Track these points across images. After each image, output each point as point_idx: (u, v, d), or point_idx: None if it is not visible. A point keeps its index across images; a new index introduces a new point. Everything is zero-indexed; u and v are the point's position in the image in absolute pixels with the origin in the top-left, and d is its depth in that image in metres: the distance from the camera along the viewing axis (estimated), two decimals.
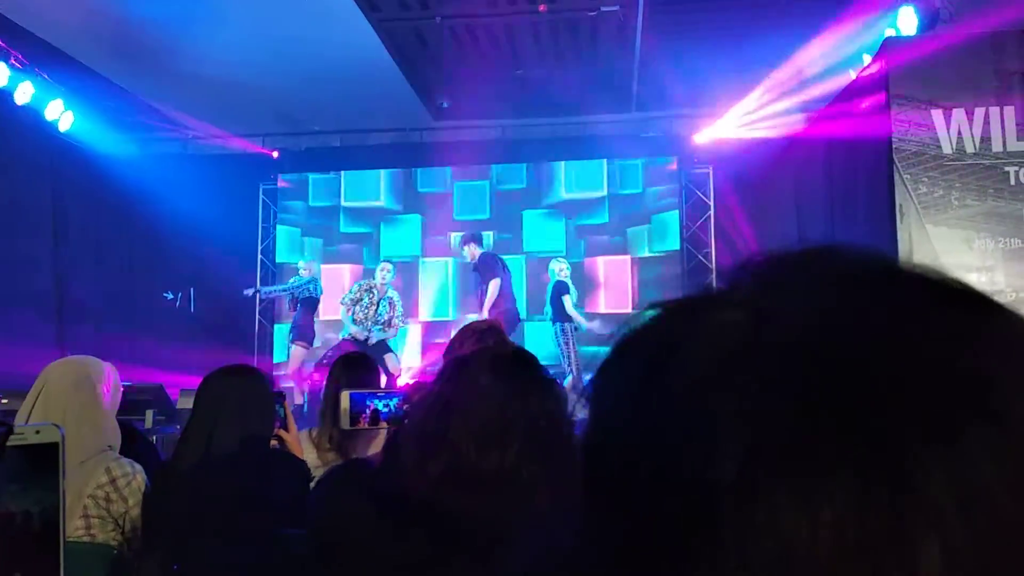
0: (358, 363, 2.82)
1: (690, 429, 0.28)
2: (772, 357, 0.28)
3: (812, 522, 0.25)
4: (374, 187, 8.48)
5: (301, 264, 8.05)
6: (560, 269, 7.55)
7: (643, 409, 0.30)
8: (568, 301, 7.38)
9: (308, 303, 7.95)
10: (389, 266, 7.89)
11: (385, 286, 7.74)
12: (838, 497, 0.25)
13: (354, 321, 7.60)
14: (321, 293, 8.04)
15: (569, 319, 7.33)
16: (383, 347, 7.54)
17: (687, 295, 0.33)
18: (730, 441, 0.27)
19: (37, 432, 0.65)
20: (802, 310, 0.29)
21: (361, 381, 2.54)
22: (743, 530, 0.26)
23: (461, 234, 7.93)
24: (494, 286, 7.33)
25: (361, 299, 7.66)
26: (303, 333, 7.89)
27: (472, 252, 7.69)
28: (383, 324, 7.61)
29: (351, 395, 1.95)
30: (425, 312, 8.13)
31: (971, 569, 0.24)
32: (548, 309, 7.45)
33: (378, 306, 7.63)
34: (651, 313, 0.33)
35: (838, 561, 0.25)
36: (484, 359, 1.13)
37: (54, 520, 0.63)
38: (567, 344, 7.27)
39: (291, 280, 8.12)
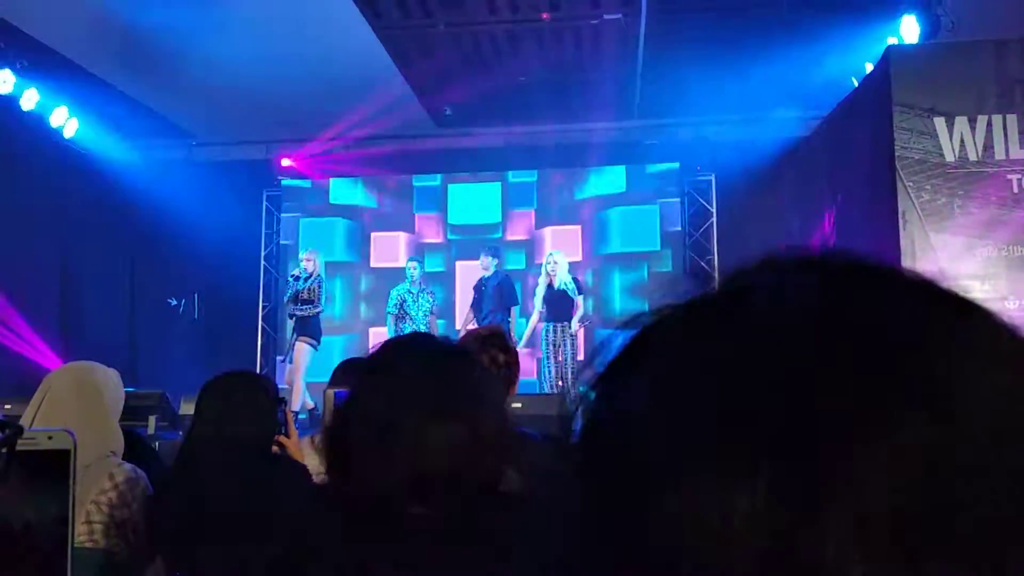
0: (358, 368, 2.82)
1: (635, 408, 0.30)
2: (697, 342, 0.30)
3: (728, 507, 0.25)
4: (370, 191, 8.51)
5: (303, 256, 7.68)
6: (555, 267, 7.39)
7: (614, 396, 0.32)
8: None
9: (313, 297, 7.73)
10: (416, 264, 7.78)
11: (418, 283, 7.61)
12: (757, 482, 0.25)
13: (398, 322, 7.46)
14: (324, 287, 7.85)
15: (568, 320, 7.18)
16: None
17: (674, 301, 0.34)
18: (660, 420, 0.28)
19: (50, 438, 0.64)
20: (760, 311, 0.30)
21: None
22: (662, 509, 0.27)
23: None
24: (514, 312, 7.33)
25: (404, 302, 7.59)
26: (312, 331, 7.42)
27: (487, 264, 7.49)
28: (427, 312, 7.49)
29: (336, 393, 1.95)
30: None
31: (876, 559, 0.25)
32: (542, 307, 7.23)
33: (419, 299, 7.57)
34: (640, 319, 0.34)
35: (747, 540, 0.25)
36: (399, 348, 1.17)
37: (63, 526, 0.63)
38: (564, 345, 7.14)
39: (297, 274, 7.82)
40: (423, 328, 7.26)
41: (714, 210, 8.05)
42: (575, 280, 7.27)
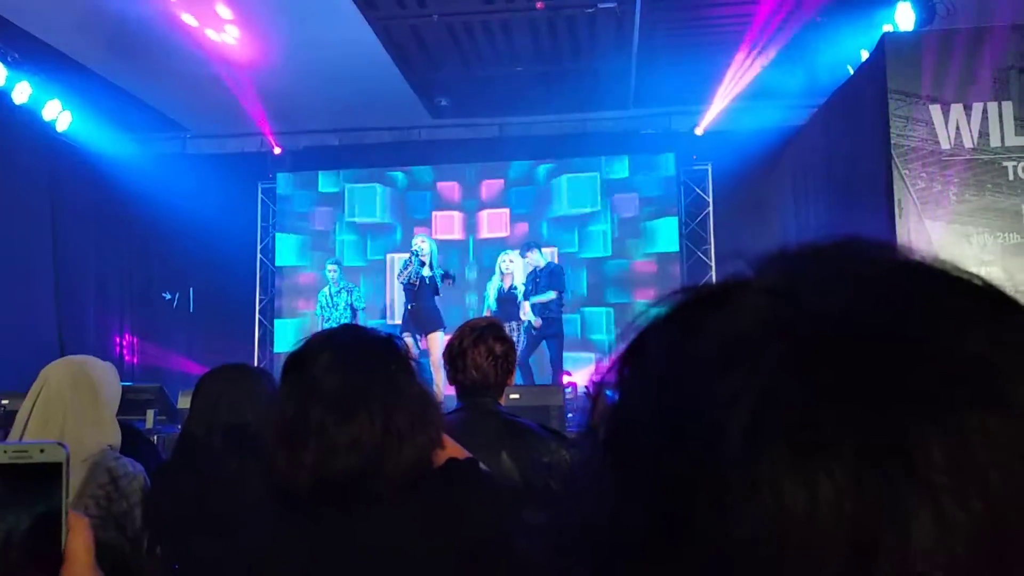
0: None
1: (706, 403, 0.29)
2: (785, 337, 0.29)
3: (811, 494, 0.26)
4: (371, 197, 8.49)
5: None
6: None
7: (666, 384, 0.32)
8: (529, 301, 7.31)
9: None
10: (334, 267, 7.91)
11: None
12: (837, 472, 0.26)
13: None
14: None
15: (516, 319, 7.21)
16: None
17: (717, 281, 0.35)
18: (739, 414, 0.28)
19: (42, 451, 0.63)
20: (819, 296, 0.31)
21: None
22: (746, 500, 0.27)
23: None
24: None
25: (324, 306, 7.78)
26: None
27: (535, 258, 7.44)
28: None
29: None
30: None
31: (962, 548, 0.25)
32: (495, 306, 7.28)
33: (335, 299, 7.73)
34: (679, 297, 0.35)
35: (834, 533, 0.26)
36: (320, 344, 1.19)
37: (55, 539, 0.62)
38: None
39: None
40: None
41: (710, 199, 8.05)
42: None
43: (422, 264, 7.28)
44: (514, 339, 7.08)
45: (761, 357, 0.29)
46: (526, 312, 7.25)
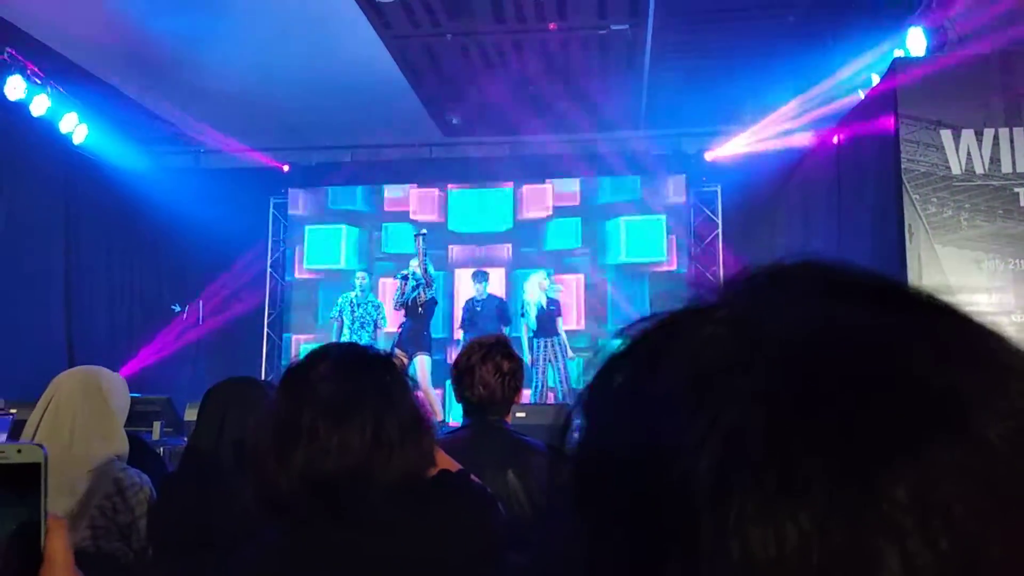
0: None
1: (670, 442, 0.28)
2: (749, 373, 0.28)
3: (778, 539, 0.25)
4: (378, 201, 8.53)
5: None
6: (544, 285, 7.56)
7: (628, 421, 0.31)
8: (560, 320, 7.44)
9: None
10: (364, 274, 7.92)
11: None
12: (803, 520, 0.25)
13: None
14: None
15: (557, 335, 7.40)
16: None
17: (675, 309, 0.34)
18: (705, 456, 0.27)
19: (19, 451, 0.63)
20: (781, 326, 0.30)
21: None
22: (714, 551, 0.26)
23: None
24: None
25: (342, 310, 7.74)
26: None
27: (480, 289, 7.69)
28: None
29: None
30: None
31: None
32: (533, 324, 7.46)
33: (357, 309, 7.71)
34: (640, 327, 0.34)
35: None
36: (319, 355, 1.23)
37: (35, 542, 0.62)
38: (555, 358, 7.34)
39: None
40: (354, 337, 7.41)
41: (719, 221, 8.05)
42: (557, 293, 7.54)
43: (416, 286, 7.39)
44: (558, 355, 7.25)
45: (723, 398, 0.28)
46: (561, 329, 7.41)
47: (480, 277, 7.81)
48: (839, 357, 0.28)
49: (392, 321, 7.86)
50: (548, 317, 7.48)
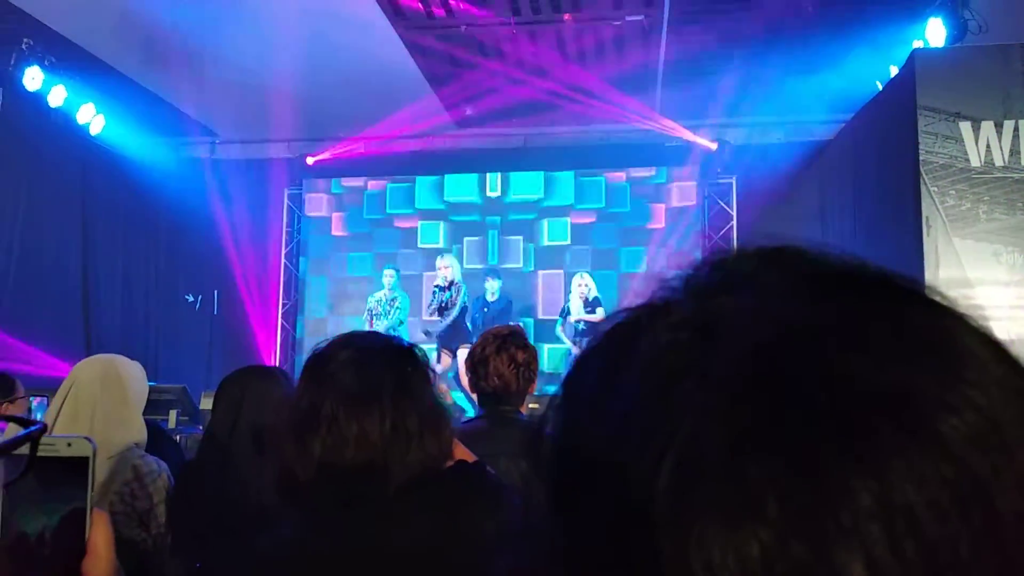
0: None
1: (630, 456, 0.28)
2: (706, 385, 0.28)
3: (740, 556, 0.25)
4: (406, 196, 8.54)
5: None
6: (585, 284, 7.49)
7: (592, 428, 0.30)
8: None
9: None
10: (391, 272, 7.88)
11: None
12: (764, 534, 0.25)
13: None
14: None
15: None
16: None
17: (644, 304, 0.33)
18: (664, 472, 0.27)
19: (69, 445, 0.64)
20: (739, 332, 0.29)
21: None
22: (676, 563, 0.26)
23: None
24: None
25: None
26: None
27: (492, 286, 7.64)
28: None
29: None
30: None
31: None
32: (573, 325, 7.32)
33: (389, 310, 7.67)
34: (608, 324, 0.33)
35: None
36: (342, 343, 1.23)
37: (80, 534, 0.63)
38: None
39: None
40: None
41: (734, 213, 8.01)
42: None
43: (445, 290, 7.37)
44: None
45: (680, 411, 0.27)
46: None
47: (494, 275, 7.73)
48: (796, 365, 0.27)
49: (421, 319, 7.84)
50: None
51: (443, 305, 7.43)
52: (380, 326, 7.57)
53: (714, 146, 7.77)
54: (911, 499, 0.25)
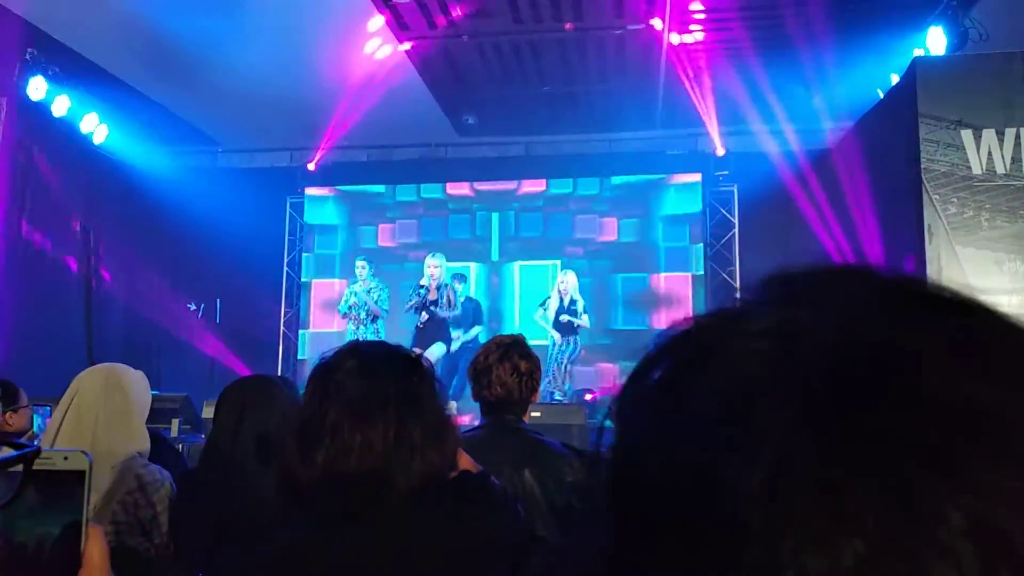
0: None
1: (713, 462, 0.28)
2: (793, 394, 0.28)
3: (834, 567, 0.25)
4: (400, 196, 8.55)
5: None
6: (565, 281, 7.45)
7: (666, 432, 0.30)
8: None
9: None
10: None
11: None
12: (859, 544, 0.25)
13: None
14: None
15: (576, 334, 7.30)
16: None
17: (714, 312, 0.33)
18: (754, 480, 0.27)
19: (65, 458, 0.65)
20: (822, 342, 0.29)
21: None
22: (766, 568, 0.26)
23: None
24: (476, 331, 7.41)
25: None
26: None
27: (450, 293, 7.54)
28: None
29: None
30: None
31: None
32: (554, 322, 7.28)
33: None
34: (678, 331, 0.33)
35: None
36: (347, 353, 1.23)
37: (76, 546, 0.64)
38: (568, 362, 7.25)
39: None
40: (370, 327, 7.38)
41: (736, 221, 8.01)
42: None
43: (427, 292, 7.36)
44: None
45: (770, 418, 0.27)
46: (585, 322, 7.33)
47: (460, 279, 7.72)
48: (885, 376, 0.27)
49: (395, 309, 7.71)
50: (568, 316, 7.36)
51: (426, 301, 7.38)
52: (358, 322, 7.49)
53: (717, 153, 7.79)
54: (1007, 521, 0.25)
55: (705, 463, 0.28)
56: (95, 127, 7.36)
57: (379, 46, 6.29)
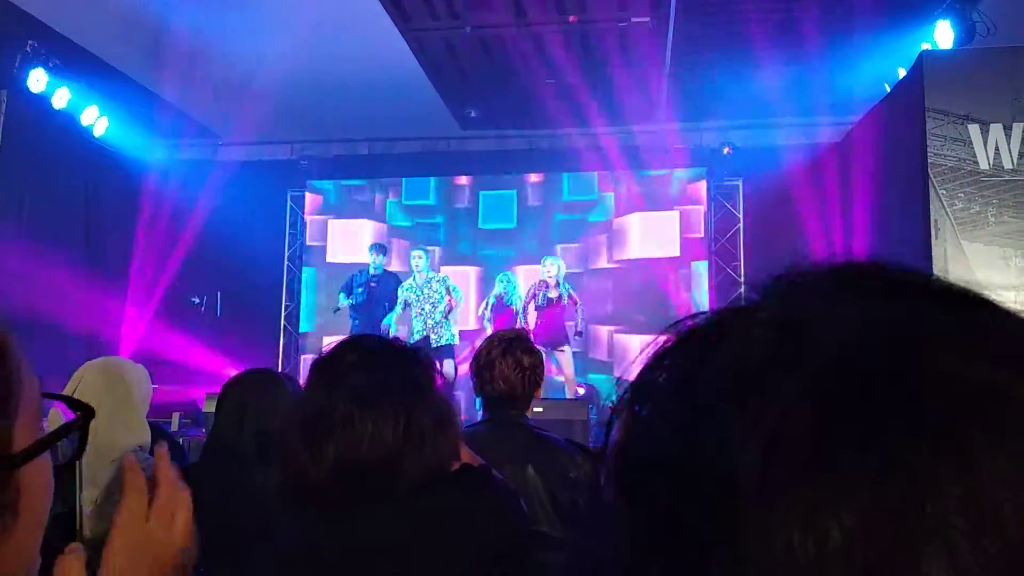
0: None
1: (715, 439, 0.28)
2: (795, 372, 0.28)
3: (822, 539, 0.25)
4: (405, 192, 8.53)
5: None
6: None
7: (673, 417, 0.31)
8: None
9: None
10: (421, 253, 7.81)
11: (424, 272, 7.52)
12: (848, 519, 0.25)
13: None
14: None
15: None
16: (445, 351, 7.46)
17: (723, 308, 0.34)
18: (749, 453, 0.27)
19: None
20: (827, 328, 0.30)
21: None
22: (757, 543, 0.26)
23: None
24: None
25: (413, 296, 7.52)
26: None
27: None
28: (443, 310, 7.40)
29: None
30: None
31: None
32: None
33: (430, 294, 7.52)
34: (687, 324, 0.34)
35: None
36: (349, 346, 1.24)
37: (69, 536, 0.63)
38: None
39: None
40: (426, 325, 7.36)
41: (740, 216, 7.98)
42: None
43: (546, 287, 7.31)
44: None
45: (769, 398, 0.28)
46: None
47: (379, 250, 7.70)
48: (885, 357, 0.28)
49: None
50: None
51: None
52: (419, 319, 7.40)
53: (722, 149, 7.75)
54: (999, 499, 0.25)
55: (708, 438, 0.29)
56: (95, 119, 7.34)
57: (381, 38, 6.25)
